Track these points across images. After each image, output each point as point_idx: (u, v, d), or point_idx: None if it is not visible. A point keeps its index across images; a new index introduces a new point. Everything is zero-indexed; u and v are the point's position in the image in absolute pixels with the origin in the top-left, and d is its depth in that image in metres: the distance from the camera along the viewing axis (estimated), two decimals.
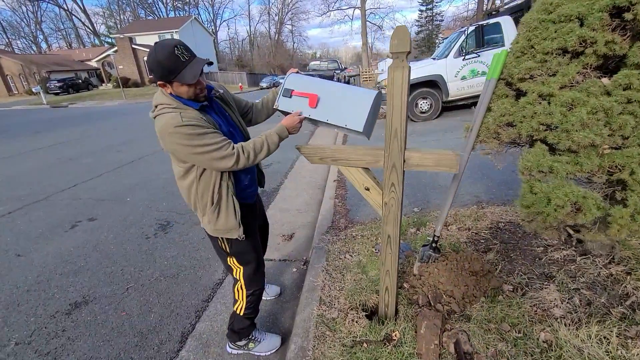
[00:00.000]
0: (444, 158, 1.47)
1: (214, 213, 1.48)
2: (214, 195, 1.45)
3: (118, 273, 2.61)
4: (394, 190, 1.58)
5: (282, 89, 1.60)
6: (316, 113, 1.52)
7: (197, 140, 1.27)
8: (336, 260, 2.43)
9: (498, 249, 2.22)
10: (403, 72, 1.40)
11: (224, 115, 1.52)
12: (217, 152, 1.29)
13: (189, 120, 1.27)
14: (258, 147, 1.40)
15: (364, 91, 1.54)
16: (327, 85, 1.57)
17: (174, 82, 1.28)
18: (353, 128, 1.47)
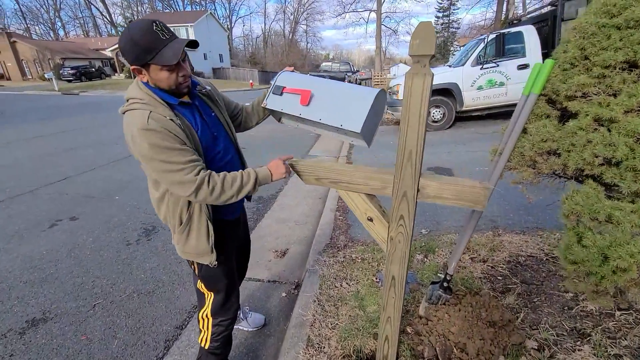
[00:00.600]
0: (468, 191, 1.17)
1: (183, 233, 1.25)
2: (182, 214, 1.21)
3: (88, 285, 2.35)
4: (402, 224, 1.29)
5: (272, 86, 1.36)
6: (308, 111, 1.29)
7: (160, 153, 1.04)
8: (331, 288, 2.14)
9: (519, 290, 1.91)
10: (424, 81, 1.11)
11: (207, 115, 1.27)
12: (176, 174, 1.05)
13: (156, 125, 1.02)
14: (228, 182, 1.15)
15: (364, 89, 1.31)
16: (323, 82, 1.34)
17: (151, 65, 1.05)
18: (349, 128, 1.22)
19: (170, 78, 1.08)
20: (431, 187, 1.22)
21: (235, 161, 1.38)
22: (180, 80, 1.11)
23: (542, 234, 2.58)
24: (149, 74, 1.07)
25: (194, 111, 1.21)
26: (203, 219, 1.23)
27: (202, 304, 1.46)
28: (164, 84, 1.09)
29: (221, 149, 1.29)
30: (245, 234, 1.69)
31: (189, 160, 1.07)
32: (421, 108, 1.14)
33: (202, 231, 1.24)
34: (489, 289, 1.96)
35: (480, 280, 2.06)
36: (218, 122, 1.31)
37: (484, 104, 6.93)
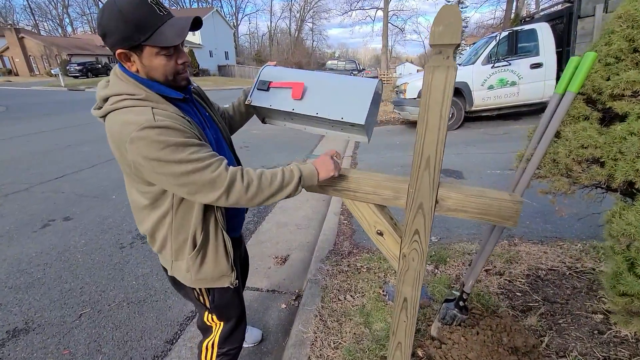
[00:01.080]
0: (496, 205, 1.00)
1: (197, 258, 1.04)
2: (196, 234, 1.01)
3: (76, 292, 2.21)
4: (417, 239, 1.13)
5: (256, 82, 1.20)
6: (302, 106, 1.14)
7: (176, 152, 0.82)
8: (334, 301, 1.98)
9: (541, 309, 1.73)
10: (447, 75, 0.94)
11: (203, 115, 1.09)
12: (204, 172, 0.85)
13: (167, 120, 0.83)
14: (267, 179, 0.94)
15: (360, 79, 1.18)
16: (314, 74, 1.20)
17: (145, 48, 0.85)
18: (352, 121, 1.08)
19: (168, 66, 0.89)
20: (452, 199, 1.05)
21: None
22: (179, 68, 0.92)
23: (562, 244, 2.39)
24: (141, 60, 0.87)
25: (194, 109, 1.04)
26: (220, 233, 1.05)
27: (207, 334, 1.28)
28: (159, 74, 0.89)
29: (225, 156, 1.11)
30: (244, 251, 1.52)
31: (212, 153, 0.89)
32: (442, 107, 0.97)
33: (221, 249, 1.06)
34: (508, 306, 1.79)
35: (497, 296, 1.89)
36: (214, 123, 1.15)
37: (494, 103, 6.71)
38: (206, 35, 34.99)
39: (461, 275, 2.12)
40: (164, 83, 0.92)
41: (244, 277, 1.55)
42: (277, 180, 0.95)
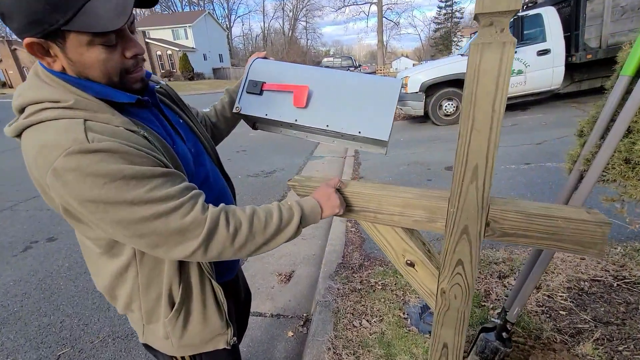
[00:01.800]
0: (573, 227, 0.74)
1: (178, 320, 0.78)
2: (173, 289, 0.75)
3: (56, 327, 1.96)
4: (461, 272, 0.87)
5: (244, 82, 0.94)
6: (307, 116, 0.90)
7: (126, 189, 0.57)
8: (348, 328, 1.72)
9: (595, 333, 1.47)
10: (503, 55, 0.69)
11: (176, 122, 0.83)
12: (170, 218, 0.61)
13: (107, 140, 0.57)
14: (260, 221, 0.70)
15: (381, 79, 0.93)
16: (321, 72, 0.93)
17: (69, 35, 0.58)
18: (373, 136, 0.86)
19: (110, 61, 0.62)
20: (509, 220, 0.79)
21: (226, 189, 0.95)
22: (128, 64, 0.65)
23: None
24: (66, 53, 0.59)
25: (158, 115, 0.77)
26: (207, 283, 0.79)
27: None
28: (97, 73, 0.62)
29: (208, 173, 0.86)
30: (246, 289, 1.24)
31: (184, 187, 0.64)
32: (496, 99, 0.72)
33: (210, 303, 0.80)
34: (553, 329, 1.53)
35: (537, 315, 1.63)
36: (190, 132, 0.88)
37: None
38: (199, 39, 34.72)
39: (490, 291, 1.86)
40: (107, 83, 0.65)
41: (244, 323, 1.28)
42: (274, 222, 0.71)
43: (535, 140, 4.71)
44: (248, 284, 1.26)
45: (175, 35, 34.17)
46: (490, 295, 1.82)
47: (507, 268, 2.03)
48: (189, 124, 0.88)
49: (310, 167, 5.00)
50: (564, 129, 4.96)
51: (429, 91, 6.45)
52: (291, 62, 0.95)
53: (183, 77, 30.31)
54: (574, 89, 6.54)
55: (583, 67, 6.13)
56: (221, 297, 0.82)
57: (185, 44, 33.50)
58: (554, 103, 6.87)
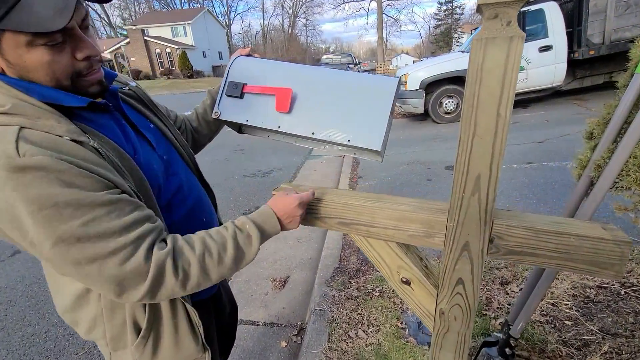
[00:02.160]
0: (589, 246, 0.66)
1: (146, 347, 0.71)
2: (136, 314, 0.68)
3: (40, 337, 1.88)
4: (461, 292, 0.79)
5: (223, 84, 0.86)
6: (292, 122, 0.82)
7: (57, 221, 0.49)
8: (344, 339, 1.65)
9: (603, 346, 1.39)
10: (510, 51, 0.61)
11: (145, 127, 0.74)
12: (105, 263, 0.52)
13: (41, 156, 0.49)
14: (213, 256, 0.62)
15: (374, 78, 0.84)
16: (307, 71, 0.84)
17: (3, 34, 0.50)
18: (364, 145, 0.78)
19: (57, 64, 0.54)
20: (515, 236, 0.71)
21: (204, 199, 0.86)
22: (80, 67, 0.58)
23: None
24: (2, 54, 0.52)
25: (120, 120, 0.69)
26: (178, 305, 0.72)
27: None
28: (42, 75, 0.55)
29: (182, 182, 0.78)
30: (231, 302, 1.14)
31: (132, 221, 0.55)
32: (501, 102, 0.64)
33: (183, 327, 0.72)
34: (558, 341, 1.45)
35: (542, 325, 1.55)
36: (163, 136, 0.79)
37: None
38: (199, 36, 34.51)
39: (492, 299, 1.78)
40: (55, 86, 0.57)
41: (231, 337, 1.19)
42: (228, 256, 0.63)
43: (537, 138, 4.62)
44: (241, 290, 1.18)
45: (174, 33, 33.97)
46: (492, 304, 1.74)
47: (510, 274, 1.95)
48: (162, 128, 0.80)
49: (309, 167, 4.91)
50: (566, 127, 4.87)
51: (429, 89, 6.35)
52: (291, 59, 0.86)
53: (182, 75, 30.15)
54: (576, 86, 6.44)
55: (585, 64, 6.02)
56: (196, 320, 0.74)
57: (184, 41, 33.30)
58: (555, 100, 6.77)
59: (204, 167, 0.89)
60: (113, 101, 0.68)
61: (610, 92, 3.49)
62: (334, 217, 0.85)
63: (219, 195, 3.70)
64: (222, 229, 0.66)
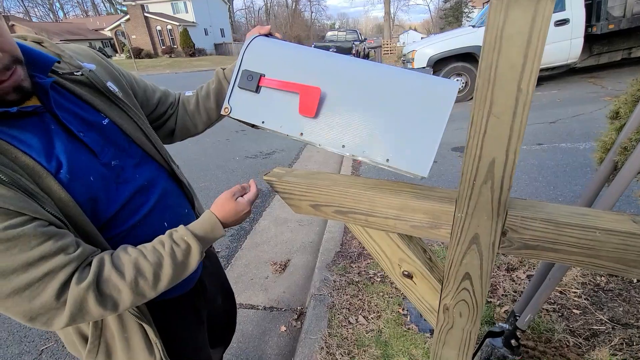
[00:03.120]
0: (617, 242, 0.59)
1: (95, 358, 0.68)
2: (79, 326, 0.66)
3: None
4: (468, 288, 0.73)
5: (236, 72, 0.70)
6: (317, 131, 0.67)
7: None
8: (344, 325, 1.62)
9: (613, 337, 1.34)
10: (537, 13, 0.49)
11: (89, 125, 0.64)
12: (8, 300, 0.48)
13: None
14: (149, 280, 0.58)
15: (428, 80, 0.64)
16: (339, 64, 0.67)
17: None
18: (406, 169, 0.64)
19: None
20: (532, 229, 0.63)
21: (168, 201, 0.76)
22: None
23: None
24: None
25: (49, 126, 0.58)
26: (129, 322, 0.67)
27: None
28: None
29: (137, 189, 0.69)
30: (224, 290, 1.09)
31: (35, 258, 0.49)
32: (523, 75, 0.55)
33: (136, 344, 0.68)
34: (565, 330, 1.40)
35: (549, 314, 1.50)
36: (119, 132, 0.69)
37: None
38: (200, 13, 33.56)
39: (497, 285, 1.73)
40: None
41: (229, 327, 1.16)
42: (166, 270, 0.59)
43: (549, 118, 4.45)
44: (241, 274, 1.13)
45: (175, 9, 33.04)
46: (497, 291, 1.69)
47: (516, 261, 1.89)
48: (118, 123, 0.68)
49: (311, 149, 4.82)
50: (580, 106, 4.68)
51: (437, 66, 6.11)
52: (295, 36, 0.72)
53: (184, 53, 29.57)
54: (591, 63, 6.15)
55: (603, 39, 5.72)
56: (153, 337, 0.69)
57: (185, 18, 32.43)
58: (569, 78, 6.50)
59: (205, 148, 0.81)
60: (45, 100, 0.58)
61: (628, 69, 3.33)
62: (330, 205, 0.78)
63: (220, 177, 3.64)
64: (158, 245, 0.61)
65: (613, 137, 0.93)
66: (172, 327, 0.79)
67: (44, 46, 0.65)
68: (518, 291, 1.66)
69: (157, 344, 0.69)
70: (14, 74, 0.52)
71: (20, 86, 0.53)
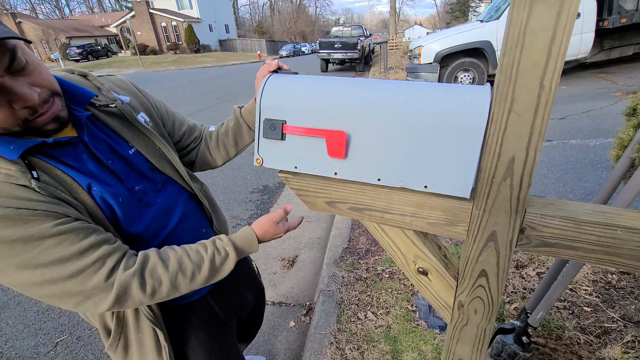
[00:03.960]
0: (639, 240, 0.58)
1: (117, 351, 0.74)
2: (106, 317, 0.71)
3: (54, 313, 1.92)
4: (484, 285, 0.73)
5: (258, 120, 0.68)
6: (350, 169, 0.67)
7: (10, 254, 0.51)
8: (353, 321, 1.63)
9: (625, 335, 1.34)
10: (562, 9, 0.49)
11: (115, 155, 0.68)
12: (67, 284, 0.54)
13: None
14: (187, 276, 0.64)
15: (455, 94, 0.61)
16: (358, 94, 0.65)
17: None
18: (446, 192, 0.64)
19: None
20: (552, 227, 0.63)
21: (189, 222, 0.80)
22: (24, 114, 0.54)
23: None
24: None
25: (82, 155, 0.63)
26: (144, 324, 0.71)
27: None
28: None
29: (158, 213, 0.73)
30: (254, 289, 1.11)
31: (85, 247, 0.55)
32: (547, 72, 0.54)
33: (148, 344, 0.73)
34: (576, 328, 1.40)
35: (559, 311, 1.49)
36: (143, 160, 0.73)
37: None
38: (204, 8, 33.53)
39: (507, 282, 1.73)
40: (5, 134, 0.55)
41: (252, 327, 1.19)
42: (203, 272, 0.66)
43: (558, 114, 4.40)
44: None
45: (179, 5, 33.05)
46: (506, 288, 1.69)
47: (526, 258, 1.88)
48: (143, 153, 0.73)
49: None
50: (590, 102, 4.61)
51: (443, 62, 6.05)
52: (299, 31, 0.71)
53: (189, 49, 29.61)
54: (602, 58, 6.05)
55: (615, 33, 5.62)
56: (163, 341, 0.73)
57: (190, 14, 32.44)
58: (579, 73, 6.40)
59: None
60: (79, 131, 0.63)
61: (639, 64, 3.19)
62: (346, 202, 0.78)
63: (228, 174, 3.66)
64: (201, 249, 0.67)
65: (630, 134, 0.92)
66: (188, 331, 0.82)
67: (88, 79, 0.72)
68: (528, 288, 1.65)
69: (166, 347, 0.74)
70: (52, 105, 0.57)
71: (59, 116, 0.58)
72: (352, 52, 12.31)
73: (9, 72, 0.50)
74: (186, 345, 0.82)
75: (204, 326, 0.86)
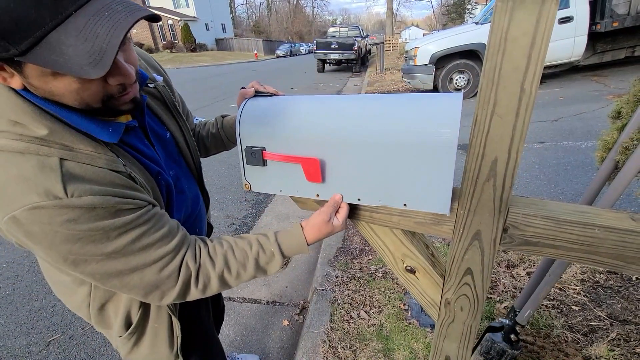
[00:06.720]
0: (616, 239, 0.61)
1: (130, 340, 0.73)
2: (130, 312, 0.69)
3: (47, 311, 1.92)
4: (469, 283, 0.75)
5: (240, 148, 0.73)
6: (330, 190, 0.71)
7: (106, 242, 0.50)
8: (345, 320, 1.64)
9: (611, 333, 1.36)
10: (541, 16, 0.52)
11: (162, 139, 0.69)
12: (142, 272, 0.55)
13: (85, 190, 0.47)
14: (232, 272, 0.64)
15: (425, 109, 0.62)
16: (327, 114, 0.67)
17: (26, 64, 0.43)
18: (425, 209, 0.68)
19: (85, 90, 0.47)
20: (534, 226, 0.65)
21: (202, 211, 0.84)
22: (113, 91, 0.51)
23: None
24: (25, 77, 0.45)
25: (143, 140, 0.64)
26: (163, 316, 0.72)
27: None
28: (70, 100, 0.48)
29: (188, 200, 0.75)
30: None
31: (167, 231, 0.57)
32: (527, 76, 0.56)
33: (162, 334, 0.73)
34: (564, 326, 1.42)
35: (547, 310, 1.52)
36: (176, 147, 0.74)
37: None
38: (201, 7, 33.39)
39: (498, 282, 1.75)
40: (85, 112, 0.51)
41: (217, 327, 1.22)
42: (249, 271, 0.65)
43: (551, 116, 4.45)
44: None
45: (175, 4, 32.89)
46: (497, 287, 1.71)
47: (516, 257, 1.91)
48: (177, 138, 0.74)
49: None
50: (583, 105, 4.67)
51: (439, 63, 6.09)
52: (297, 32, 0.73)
53: (185, 48, 29.47)
54: (595, 61, 6.13)
55: (607, 37, 5.70)
56: (177, 331, 0.74)
57: (186, 12, 32.29)
58: (572, 76, 6.48)
59: None
60: (140, 119, 0.63)
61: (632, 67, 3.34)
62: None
63: (223, 174, 3.67)
64: (246, 246, 0.65)
65: (614, 137, 0.94)
66: (191, 319, 0.84)
67: None
68: (518, 287, 1.68)
69: (178, 337, 0.74)
70: (135, 84, 0.55)
71: (135, 98, 0.56)
72: (348, 52, 12.35)
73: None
74: (190, 332, 0.83)
75: (205, 316, 0.89)
